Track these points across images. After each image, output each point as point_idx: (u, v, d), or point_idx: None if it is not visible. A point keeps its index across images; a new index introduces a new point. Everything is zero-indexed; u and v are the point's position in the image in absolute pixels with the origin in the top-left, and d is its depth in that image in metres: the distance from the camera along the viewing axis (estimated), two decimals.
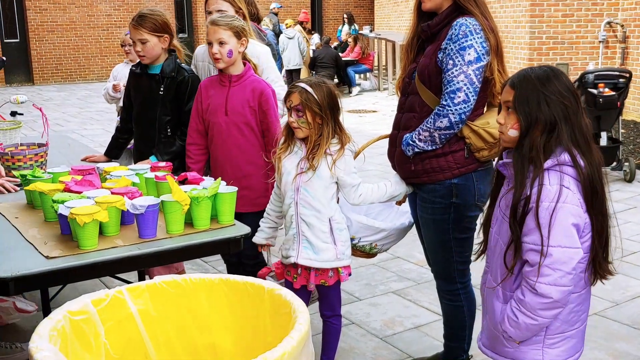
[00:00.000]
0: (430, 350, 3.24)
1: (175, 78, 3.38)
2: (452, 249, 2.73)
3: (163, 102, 3.41)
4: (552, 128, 1.94)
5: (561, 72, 2.01)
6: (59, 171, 2.93)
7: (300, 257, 2.73)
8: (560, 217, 1.89)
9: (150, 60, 3.41)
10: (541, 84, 1.95)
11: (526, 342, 2.04)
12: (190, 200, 2.48)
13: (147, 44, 3.33)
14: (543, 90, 1.94)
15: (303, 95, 2.62)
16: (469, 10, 2.51)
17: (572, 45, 9.35)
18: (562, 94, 1.94)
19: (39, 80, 16.96)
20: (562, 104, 1.93)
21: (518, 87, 1.98)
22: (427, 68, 2.58)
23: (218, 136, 3.17)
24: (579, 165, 1.92)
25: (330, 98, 2.66)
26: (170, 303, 1.99)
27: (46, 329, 1.67)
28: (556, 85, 1.95)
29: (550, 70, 1.99)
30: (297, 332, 1.62)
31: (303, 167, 2.68)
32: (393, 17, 17.38)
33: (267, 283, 1.95)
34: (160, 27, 3.35)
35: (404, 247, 4.58)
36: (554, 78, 1.96)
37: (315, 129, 2.64)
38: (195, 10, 18.77)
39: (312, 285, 2.76)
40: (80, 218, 2.25)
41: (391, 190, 2.75)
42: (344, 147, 2.67)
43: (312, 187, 2.68)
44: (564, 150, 1.93)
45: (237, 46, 3.08)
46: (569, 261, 1.89)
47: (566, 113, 1.94)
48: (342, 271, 2.76)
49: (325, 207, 2.70)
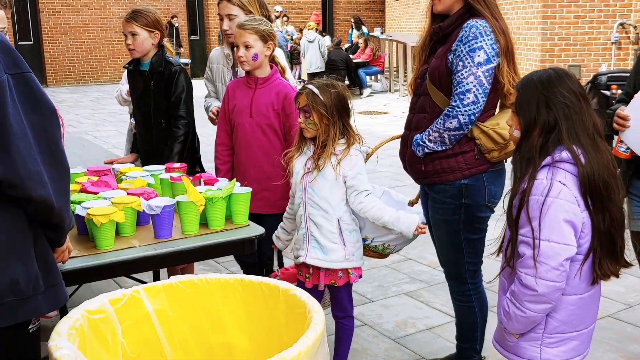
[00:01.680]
0: (442, 351, 3.25)
1: (163, 72, 3.45)
2: (463, 250, 2.73)
3: (155, 97, 3.47)
4: (551, 129, 1.97)
5: (566, 74, 2.03)
6: (75, 172, 2.96)
7: (309, 256, 2.75)
8: (551, 211, 1.91)
9: (140, 54, 3.47)
10: (543, 87, 1.98)
11: (525, 338, 2.07)
12: (205, 201, 2.51)
13: (138, 37, 3.41)
14: (544, 92, 1.98)
15: (309, 97, 2.66)
16: (480, 12, 2.52)
17: (585, 47, 9.32)
18: (563, 94, 1.96)
19: (52, 82, 17.10)
20: (563, 104, 1.96)
21: (520, 90, 2.04)
22: (438, 69, 2.59)
23: (242, 137, 3.20)
24: (580, 162, 1.93)
25: (338, 100, 2.68)
26: (186, 303, 2.01)
27: (65, 328, 1.70)
28: (558, 87, 1.97)
29: (554, 72, 2.02)
30: (312, 332, 1.64)
31: (309, 166, 2.72)
32: (404, 18, 17.37)
33: (282, 283, 1.97)
34: (152, 23, 3.43)
35: (416, 249, 4.59)
36: (557, 80, 1.99)
37: (322, 129, 2.67)
38: (207, 12, 18.85)
39: (321, 285, 2.78)
40: (97, 219, 2.28)
41: (391, 220, 2.68)
42: (350, 147, 2.69)
43: (318, 186, 2.71)
44: (564, 148, 1.95)
45: (263, 50, 3.11)
46: (555, 256, 1.90)
47: (567, 112, 1.96)
48: (351, 272, 2.78)
49: (333, 208, 2.71)
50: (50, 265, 1.86)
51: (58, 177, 1.77)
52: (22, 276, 1.75)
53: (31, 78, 1.75)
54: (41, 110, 1.75)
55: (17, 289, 1.75)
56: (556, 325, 2.04)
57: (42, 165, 1.72)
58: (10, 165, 1.66)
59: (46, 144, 1.74)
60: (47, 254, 1.86)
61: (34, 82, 1.75)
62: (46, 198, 1.72)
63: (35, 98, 1.74)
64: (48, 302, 1.83)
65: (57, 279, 1.88)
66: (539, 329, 2.05)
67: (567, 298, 2.01)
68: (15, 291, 1.74)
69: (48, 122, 1.76)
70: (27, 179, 1.68)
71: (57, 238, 1.90)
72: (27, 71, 1.74)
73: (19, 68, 1.72)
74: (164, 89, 3.45)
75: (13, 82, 1.69)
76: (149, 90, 3.49)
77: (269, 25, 3.18)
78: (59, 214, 1.79)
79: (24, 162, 1.67)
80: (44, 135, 1.74)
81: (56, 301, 1.87)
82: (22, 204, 1.74)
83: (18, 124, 1.67)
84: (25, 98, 1.72)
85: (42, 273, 1.82)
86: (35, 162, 1.70)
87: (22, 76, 1.72)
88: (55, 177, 1.76)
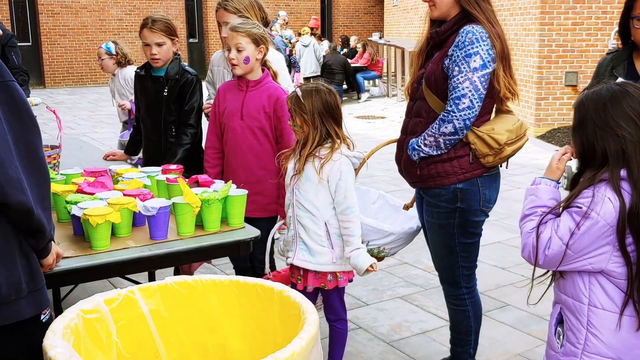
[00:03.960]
0: (437, 355, 3.26)
1: (179, 80, 3.47)
2: (457, 254, 2.75)
3: (167, 103, 3.49)
4: (604, 161, 1.84)
5: (623, 93, 1.85)
6: (72, 173, 2.97)
7: (296, 258, 2.77)
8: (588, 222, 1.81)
9: (164, 63, 3.50)
10: (596, 112, 1.84)
11: (565, 352, 1.96)
12: (201, 203, 2.52)
13: (164, 46, 3.43)
14: (596, 119, 1.83)
15: (292, 101, 2.71)
16: (476, 18, 2.54)
17: (582, 54, 9.33)
18: (618, 123, 1.81)
19: (50, 83, 17.09)
20: (615, 136, 1.81)
21: (576, 111, 1.91)
22: (434, 74, 2.61)
23: (233, 140, 3.20)
24: (623, 202, 1.79)
25: (321, 104, 2.68)
26: (181, 303, 2.02)
27: (60, 327, 1.71)
28: (611, 113, 1.82)
29: (607, 92, 1.86)
30: (306, 333, 1.65)
31: (296, 169, 2.74)
32: (402, 23, 17.41)
33: (277, 285, 1.98)
34: (173, 31, 3.47)
35: (412, 253, 4.61)
36: (611, 103, 1.83)
37: (305, 132, 2.70)
38: (206, 15, 18.86)
39: (309, 287, 2.78)
40: (93, 219, 2.29)
41: (351, 254, 2.67)
42: (334, 152, 2.68)
43: (303, 189, 2.73)
44: (608, 185, 1.82)
45: (255, 53, 3.12)
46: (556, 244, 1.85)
47: (621, 147, 1.80)
48: (340, 276, 2.78)
49: (319, 211, 2.72)
50: (34, 270, 1.88)
51: (37, 183, 1.81)
52: (5, 281, 1.78)
53: (14, 86, 1.78)
54: (22, 118, 1.78)
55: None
56: (595, 344, 1.90)
57: (22, 171, 1.75)
58: None
59: (26, 151, 1.78)
60: (31, 258, 1.88)
61: (17, 90, 1.79)
62: (25, 203, 1.75)
63: (16, 106, 1.78)
64: (30, 307, 1.85)
65: (40, 283, 1.90)
66: (579, 345, 1.93)
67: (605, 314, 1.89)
68: None
69: (29, 130, 1.80)
70: (6, 185, 1.71)
71: (38, 245, 1.90)
72: (10, 80, 1.78)
73: (1, 77, 1.76)
74: (178, 96, 3.47)
75: None
76: (162, 96, 3.49)
77: (262, 29, 3.19)
78: (38, 220, 1.81)
79: (3, 168, 1.70)
80: (24, 142, 1.78)
81: (38, 305, 1.89)
82: (1, 210, 1.76)
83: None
84: (8, 106, 1.75)
85: (26, 277, 1.84)
86: (16, 168, 1.73)
87: (5, 85, 1.76)
88: (35, 183, 1.79)
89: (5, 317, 1.80)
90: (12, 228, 1.80)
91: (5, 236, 1.79)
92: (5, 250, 1.79)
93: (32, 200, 1.77)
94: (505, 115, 2.69)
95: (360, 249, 2.66)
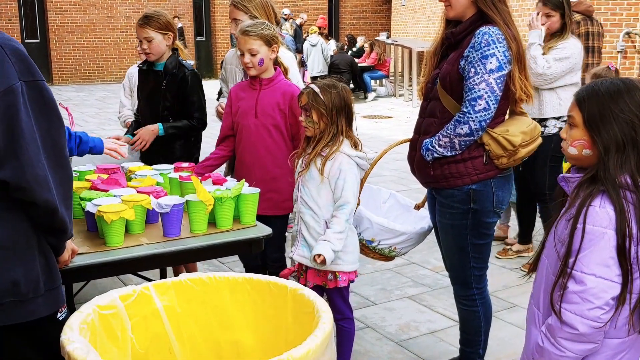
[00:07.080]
0: (445, 355, 3.26)
1: (176, 74, 3.53)
2: (469, 255, 2.75)
3: (164, 95, 3.55)
4: (620, 149, 1.75)
5: (635, 86, 1.79)
6: (84, 170, 2.99)
7: (297, 253, 2.79)
8: (601, 244, 1.71)
9: (156, 57, 3.56)
10: (610, 100, 1.76)
11: None
12: (214, 201, 2.53)
13: (153, 41, 3.50)
14: (612, 106, 1.75)
15: (310, 96, 2.70)
16: (492, 19, 2.54)
17: None
18: (633, 112, 1.75)
19: (58, 80, 17.14)
20: (630, 124, 1.74)
21: (586, 103, 1.80)
22: (449, 75, 2.61)
23: (247, 138, 3.21)
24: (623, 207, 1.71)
25: (339, 100, 2.69)
26: (194, 300, 2.03)
27: (77, 322, 1.72)
28: (627, 101, 1.75)
29: (622, 83, 1.79)
30: (321, 331, 1.66)
31: (304, 165, 2.76)
32: (410, 23, 17.39)
33: (290, 283, 1.99)
34: (164, 26, 3.52)
35: (420, 254, 4.61)
36: (626, 93, 1.76)
37: (321, 129, 2.70)
38: (213, 14, 18.89)
39: (310, 284, 2.78)
40: (108, 216, 2.30)
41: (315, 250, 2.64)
42: (335, 151, 2.68)
43: (308, 185, 2.74)
44: (627, 174, 1.74)
45: (269, 54, 3.12)
46: (601, 294, 1.70)
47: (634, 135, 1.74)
48: (339, 276, 2.77)
49: (320, 209, 2.73)
50: (51, 268, 1.89)
51: (62, 182, 1.82)
52: (23, 278, 1.79)
53: (44, 86, 1.80)
54: (51, 117, 1.80)
55: (17, 290, 1.78)
56: None
57: (49, 170, 1.77)
58: (19, 169, 1.71)
59: (53, 150, 1.80)
60: (50, 257, 1.90)
61: (46, 90, 1.81)
62: (52, 202, 1.77)
63: (45, 105, 1.79)
64: (46, 305, 1.87)
65: (57, 281, 1.91)
66: None
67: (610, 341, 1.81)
68: (15, 293, 1.78)
69: (56, 130, 1.81)
70: (34, 183, 1.73)
71: (58, 244, 1.93)
72: (40, 79, 1.80)
73: (32, 76, 1.77)
74: (176, 89, 3.53)
75: (26, 89, 1.74)
76: (159, 89, 3.56)
77: (272, 28, 3.19)
78: (61, 219, 1.83)
79: (32, 166, 1.72)
80: (51, 141, 1.79)
81: (55, 304, 1.90)
82: (26, 208, 1.78)
83: (29, 129, 1.73)
84: (37, 105, 1.77)
85: (44, 276, 1.85)
86: (43, 166, 1.75)
87: (35, 84, 1.78)
88: (59, 182, 1.81)
89: (22, 314, 1.82)
90: (31, 226, 1.82)
91: (26, 234, 1.81)
92: (25, 248, 1.81)
93: (56, 199, 1.78)
94: (520, 117, 2.69)
95: (328, 241, 2.62)
